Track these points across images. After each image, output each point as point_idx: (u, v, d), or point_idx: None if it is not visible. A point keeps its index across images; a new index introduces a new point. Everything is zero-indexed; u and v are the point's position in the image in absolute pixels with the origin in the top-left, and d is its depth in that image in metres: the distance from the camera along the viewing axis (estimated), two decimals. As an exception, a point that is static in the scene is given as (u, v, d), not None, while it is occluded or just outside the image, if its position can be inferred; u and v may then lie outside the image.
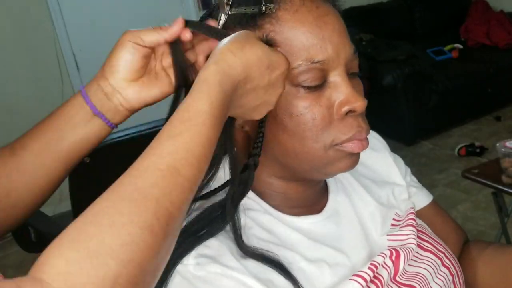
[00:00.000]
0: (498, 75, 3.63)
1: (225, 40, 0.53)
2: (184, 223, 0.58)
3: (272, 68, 0.53)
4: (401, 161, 0.82)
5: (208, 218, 0.58)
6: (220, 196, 0.61)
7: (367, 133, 0.60)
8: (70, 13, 3.15)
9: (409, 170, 0.82)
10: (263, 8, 0.56)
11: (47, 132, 0.61)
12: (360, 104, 0.57)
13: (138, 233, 0.40)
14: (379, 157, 0.78)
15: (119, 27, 2.86)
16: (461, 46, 3.99)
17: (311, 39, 0.56)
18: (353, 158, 0.61)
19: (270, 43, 0.56)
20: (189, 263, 0.55)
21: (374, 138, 0.81)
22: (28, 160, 0.60)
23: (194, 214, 0.60)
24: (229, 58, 0.51)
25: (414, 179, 0.83)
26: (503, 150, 1.63)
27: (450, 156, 3.23)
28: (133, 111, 0.63)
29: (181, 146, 0.45)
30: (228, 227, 0.58)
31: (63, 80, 3.17)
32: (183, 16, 0.61)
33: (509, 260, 0.72)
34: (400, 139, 3.44)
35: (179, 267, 0.55)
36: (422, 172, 3.02)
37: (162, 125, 0.60)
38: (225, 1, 0.58)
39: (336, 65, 0.57)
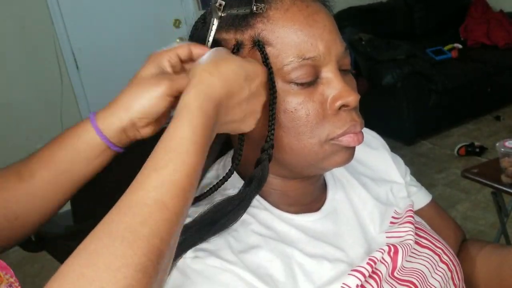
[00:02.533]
0: (497, 75, 3.63)
1: (200, 60, 0.54)
2: (192, 218, 0.59)
3: (250, 79, 0.54)
4: (400, 161, 0.82)
5: (222, 211, 0.58)
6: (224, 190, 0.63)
7: (362, 126, 0.61)
8: (69, 12, 3.15)
9: (408, 170, 0.82)
10: (254, 8, 0.58)
11: (58, 163, 0.61)
12: (352, 98, 0.58)
13: (133, 275, 0.41)
14: (377, 155, 0.79)
15: (119, 27, 2.87)
16: (460, 46, 4.00)
17: (302, 37, 0.57)
18: (349, 152, 0.62)
19: (262, 42, 0.58)
20: (187, 256, 0.55)
21: (373, 136, 0.81)
22: (38, 187, 0.61)
23: (202, 210, 0.60)
24: (206, 79, 0.52)
25: (414, 179, 0.83)
26: (502, 149, 1.63)
27: (450, 156, 3.23)
28: None
29: (166, 179, 0.46)
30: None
31: (62, 79, 3.17)
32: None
33: (502, 261, 0.73)
34: (400, 139, 3.44)
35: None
36: (421, 172, 3.02)
37: (164, 125, 0.59)
38: (217, 6, 0.59)
39: (327, 62, 0.59)
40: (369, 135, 0.81)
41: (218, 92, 0.51)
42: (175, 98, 0.56)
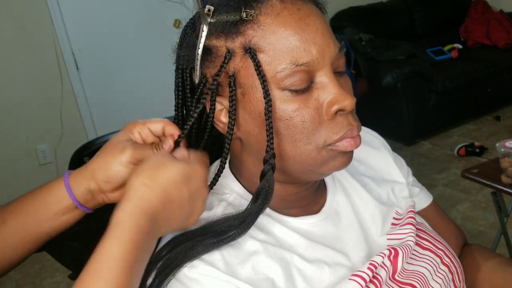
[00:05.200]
0: (497, 75, 3.63)
1: (138, 169, 0.54)
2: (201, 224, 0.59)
3: (189, 180, 0.55)
4: (402, 162, 0.82)
5: (231, 224, 0.58)
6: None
7: (359, 130, 0.60)
8: (69, 13, 3.15)
9: (410, 171, 0.82)
10: (244, 14, 0.56)
11: (28, 213, 0.63)
12: (348, 102, 0.57)
13: None
14: (378, 155, 0.78)
15: (119, 27, 2.87)
16: (460, 46, 4.00)
17: (294, 42, 0.55)
18: (347, 156, 0.61)
19: (253, 49, 0.56)
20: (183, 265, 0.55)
21: (373, 136, 0.81)
22: (8, 234, 0.63)
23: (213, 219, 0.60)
24: (143, 193, 0.52)
25: (416, 180, 0.83)
26: (502, 150, 1.62)
27: (450, 156, 3.23)
28: None
29: None
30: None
31: (62, 80, 3.17)
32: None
33: (508, 280, 0.71)
34: (400, 139, 3.44)
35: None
36: (421, 172, 3.01)
37: None
38: (206, 12, 0.58)
39: (321, 66, 0.57)
40: (370, 135, 0.81)
41: (154, 205, 0.52)
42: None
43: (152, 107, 2.76)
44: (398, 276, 0.64)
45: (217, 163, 0.69)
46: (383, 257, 0.62)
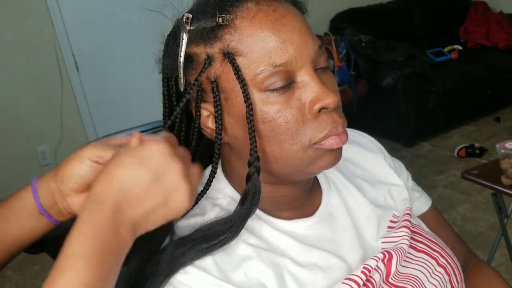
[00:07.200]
0: (497, 76, 3.63)
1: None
2: (186, 232, 0.59)
3: (145, 160, 0.51)
4: (402, 166, 0.81)
5: (221, 229, 0.57)
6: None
7: (344, 126, 0.59)
8: (69, 14, 3.15)
9: (410, 175, 0.82)
10: (220, 20, 0.56)
11: None
12: (331, 100, 0.56)
13: None
14: (374, 158, 0.78)
15: (118, 28, 2.87)
16: (460, 47, 4.00)
17: (271, 43, 0.55)
18: (335, 154, 0.60)
19: (232, 53, 0.56)
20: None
21: (369, 140, 0.81)
22: None
23: (194, 222, 0.60)
24: (95, 188, 0.50)
25: (415, 184, 0.83)
26: (502, 151, 1.62)
27: (450, 157, 3.23)
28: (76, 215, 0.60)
29: None
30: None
31: (62, 81, 3.18)
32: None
33: None
34: (400, 140, 3.44)
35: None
36: (421, 173, 3.01)
37: (163, 126, 0.59)
38: (184, 20, 0.58)
39: (301, 64, 0.57)
40: (366, 139, 0.80)
41: (106, 192, 0.49)
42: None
43: (151, 107, 2.76)
44: (392, 279, 0.64)
45: (210, 168, 0.70)
46: (377, 261, 0.62)
